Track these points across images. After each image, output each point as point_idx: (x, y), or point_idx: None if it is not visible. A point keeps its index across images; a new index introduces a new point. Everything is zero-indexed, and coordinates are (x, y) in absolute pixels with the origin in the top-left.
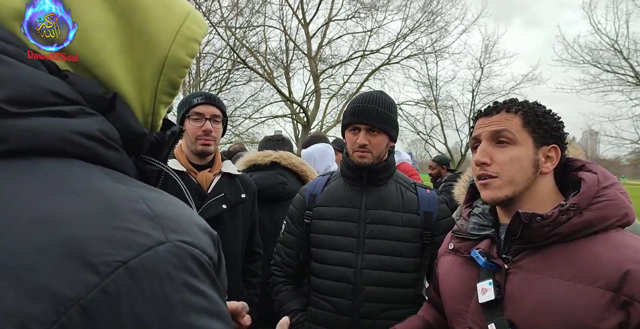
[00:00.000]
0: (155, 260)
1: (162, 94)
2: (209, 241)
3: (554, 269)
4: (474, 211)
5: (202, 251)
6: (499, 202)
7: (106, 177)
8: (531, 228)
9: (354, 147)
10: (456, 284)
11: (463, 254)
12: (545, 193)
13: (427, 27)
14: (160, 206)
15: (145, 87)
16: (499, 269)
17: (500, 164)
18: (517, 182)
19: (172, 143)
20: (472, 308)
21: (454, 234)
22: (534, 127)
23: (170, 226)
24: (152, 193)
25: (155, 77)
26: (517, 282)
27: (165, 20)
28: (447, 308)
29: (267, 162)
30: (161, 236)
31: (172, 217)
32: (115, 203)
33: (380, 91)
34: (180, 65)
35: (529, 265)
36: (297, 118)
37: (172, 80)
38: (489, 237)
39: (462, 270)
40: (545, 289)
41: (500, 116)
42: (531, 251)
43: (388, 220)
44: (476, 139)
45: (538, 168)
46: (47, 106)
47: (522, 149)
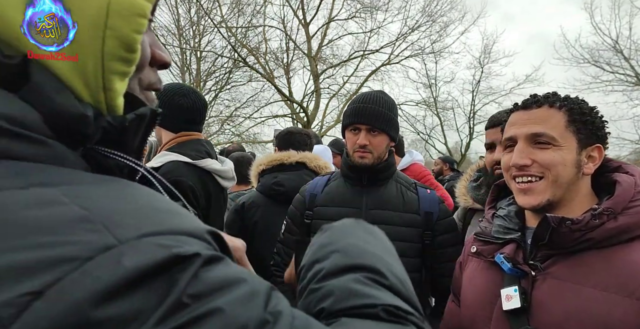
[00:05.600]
0: (103, 273)
1: (111, 59)
2: (189, 218)
3: (586, 277)
4: (498, 213)
5: (182, 233)
6: (538, 209)
7: (20, 178)
8: (560, 233)
9: (354, 147)
10: (479, 289)
11: (487, 258)
12: (583, 195)
13: (427, 28)
14: (104, 201)
15: (85, 50)
16: (525, 275)
17: (544, 165)
18: (560, 184)
19: (143, 130)
20: (495, 315)
21: (476, 236)
22: (579, 127)
23: (121, 222)
24: (97, 187)
25: (96, 34)
26: (546, 290)
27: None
28: (467, 315)
29: (292, 162)
30: (107, 239)
31: (125, 210)
32: (25, 210)
33: (381, 90)
34: (132, 12)
35: (558, 272)
36: (297, 118)
37: (125, 38)
38: (514, 241)
39: (485, 275)
40: (577, 299)
41: (542, 112)
42: (561, 257)
43: (388, 220)
44: (511, 139)
45: (580, 169)
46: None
47: (564, 150)
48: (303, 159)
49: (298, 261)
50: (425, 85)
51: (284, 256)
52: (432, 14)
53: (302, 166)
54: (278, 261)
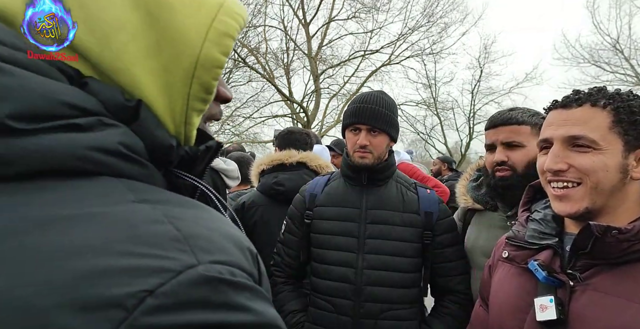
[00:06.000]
0: (185, 285)
1: (194, 100)
2: (245, 256)
3: (633, 291)
4: (532, 216)
5: (238, 267)
6: (575, 217)
7: (128, 195)
8: (605, 243)
9: (354, 147)
10: (509, 296)
11: (519, 264)
12: (632, 202)
13: (427, 29)
14: (189, 224)
15: (175, 93)
16: (562, 285)
17: (582, 170)
18: (601, 191)
19: (208, 159)
20: (527, 325)
21: (508, 241)
22: (627, 128)
23: (201, 246)
24: (181, 209)
25: (186, 81)
26: (585, 302)
27: (195, 16)
28: (496, 322)
29: (292, 162)
30: (191, 259)
31: (203, 235)
32: (137, 228)
33: (381, 91)
34: (214, 65)
35: (601, 284)
36: (297, 118)
37: (205, 84)
38: (551, 248)
39: (517, 282)
40: (623, 315)
41: (583, 112)
42: (604, 267)
43: (389, 220)
44: (547, 141)
45: (627, 174)
46: (60, 120)
47: (607, 154)
48: (304, 159)
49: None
50: (425, 85)
51: (284, 256)
52: (433, 15)
53: (303, 166)
54: (278, 261)
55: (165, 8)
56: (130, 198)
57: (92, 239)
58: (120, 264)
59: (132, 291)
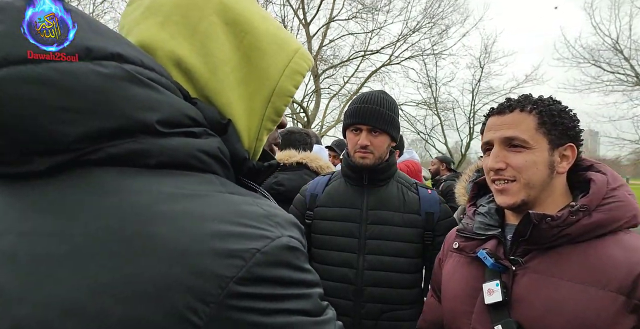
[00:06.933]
0: (277, 249)
1: (267, 120)
2: (301, 232)
3: (564, 271)
4: (479, 210)
5: (299, 242)
6: (514, 208)
7: (222, 188)
8: (541, 229)
9: (355, 147)
10: (460, 284)
11: (468, 254)
12: (559, 193)
13: (428, 29)
14: (269, 208)
15: (254, 115)
16: (506, 270)
17: (516, 168)
18: (533, 185)
19: (268, 173)
20: (477, 309)
21: (458, 233)
22: (550, 128)
23: (281, 224)
24: (257, 199)
25: (264, 105)
26: (526, 284)
27: (277, 57)
28: (448, 308)
29: (292, 163)
30: (278, 232)
31: (279, 216)
32: (239, 206)
33: (382, 91)
34: (286, 94)
35: (537, 267)
36: (297, 118)
37: (278, 108)
38: (495, 237)
39: (467, 270)
40: (556, 292)
41: (514, 116)
42: (539, 252)
43: (389, 221)
44: (488, 143)
45: (554, 169)
46: (183, 127)
47: (537, 152)
48: (304, 159)
49: None
50: (425, 85)
51: None
52: (434, 15)
53: (303, 165)
54: None
55: (258, 52)
56: (223, 189)
57: (212, 211)
58: (237, 230)
59: (247, 247)
